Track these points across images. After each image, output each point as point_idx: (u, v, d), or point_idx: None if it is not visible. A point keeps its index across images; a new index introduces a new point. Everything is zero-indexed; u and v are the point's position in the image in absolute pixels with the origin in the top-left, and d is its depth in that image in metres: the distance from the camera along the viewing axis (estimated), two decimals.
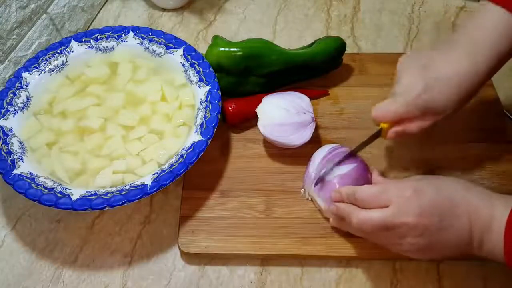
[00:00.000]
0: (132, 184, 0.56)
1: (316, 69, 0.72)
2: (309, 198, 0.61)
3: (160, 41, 0.70)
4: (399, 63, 0.56)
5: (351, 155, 0.59)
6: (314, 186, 0.58)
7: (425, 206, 0.47)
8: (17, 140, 0.61)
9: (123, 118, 0.64)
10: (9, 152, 0.59)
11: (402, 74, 0.55)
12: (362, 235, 0.53)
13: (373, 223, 0.49)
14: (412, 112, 0.53)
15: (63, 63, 0.69)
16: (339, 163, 0.57)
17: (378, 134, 0.58)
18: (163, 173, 0.56)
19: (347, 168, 0.57)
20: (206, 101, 0.63)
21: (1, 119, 0.62)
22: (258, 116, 0.64)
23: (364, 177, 0.57)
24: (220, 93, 0.64)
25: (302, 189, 0.61)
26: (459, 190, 0.49)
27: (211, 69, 0.66)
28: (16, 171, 0.57)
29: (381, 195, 0.50)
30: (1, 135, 0.60)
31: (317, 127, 0.68)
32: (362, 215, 0.50)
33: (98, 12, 0.88)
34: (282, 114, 0.62)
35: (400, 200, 0.48)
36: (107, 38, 0.70)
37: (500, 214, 0.46)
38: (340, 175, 0.57)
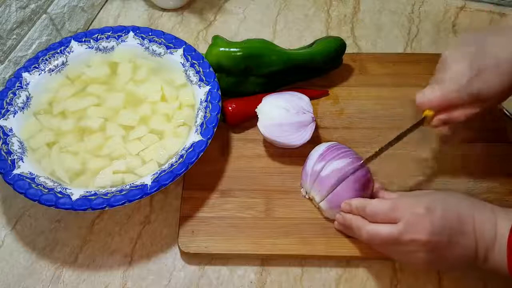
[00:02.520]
0: (132, 184, 0.56)
1: (316, 69, 0.72)
2: (307, 197, 0.61)
3: (160, 41, 0.70)
4: (445, 52, 0.54)
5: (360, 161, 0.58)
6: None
7: (436, 224, 0.47)
8: (17, 140, 0.61)
9: (123, 118, 0.64)
10: (9, 152, 0.59)
11: (451, 61, 0.52)
12: (370, 245, 0.54)
13: (382, 237, 0.50)
14: (462, 98, 0.51)
15: (63, 63, 0.69)
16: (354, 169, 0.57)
17: (421, 123, 0.56)
18: (163, 173, 0.56)
19: (344, 163, 0.57)
20: (206, 101, 0.63)
21: (1, 119, 0.62)
22: (258, 116, 0.64)
23: (364, 178, 0.57)
24: (220, 93, 0.64)
25: (302, 189, 0.61)
26: (465, 207, 0.49)
27: (211, 69, 0.66)
28: (16, 171, 0.57)
29: (392, 211, 0.50)
30: (1, 135, 0.60)
31: (317, 127, 0.68)
32: (372, 229, 0.51)
33: (98, 12, 0.88)
34: (282, 114, 0.62)
35: (411, 217, 0.48)
36: (107, 38, 0.70)
37: (503, 231, 0.46)
38: (337, 170, 0.57)
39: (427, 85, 0.55)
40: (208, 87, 0.64)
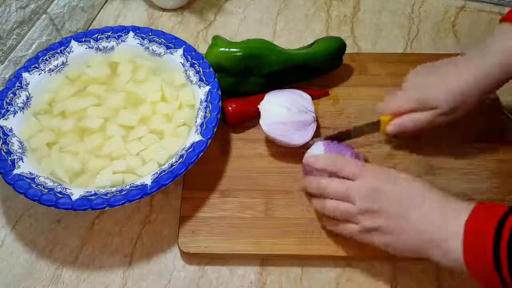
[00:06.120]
0: (132, 184, 0.56)
1: (316, 69, 0.72)
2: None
3: (160, 41, 0.70)
4: (412, 71, 0.61)
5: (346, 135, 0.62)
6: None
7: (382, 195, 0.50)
8: (17, 140, 0.61)
9: (123, 118, 0.64)
10: (9, 152, 0.59)
11: (411, 76, 0.60)
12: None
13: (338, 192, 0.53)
14: (408, 104, 0.58)
15: (63, 63, 0.69)
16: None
17: (375, 126, 0.62)
18: (163, 173, 0.56)
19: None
20: (206, 101, 0.63)
21: (1, 119, 0.62)
22: (260, 113, 0.64)
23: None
24: (220, 93, 0.64)
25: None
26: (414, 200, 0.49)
27: (211, 69, 0.66)
28: (16, 171, 0.57)
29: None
30: (1, 135, 0.60)
31: (317, 127, 0.68)
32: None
33: (98, 12, 0.88)
34: (284, 113, 0.62)
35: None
36: (107, 38, 0.70)
37: (454, 234, 0.45)
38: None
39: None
40: (208, 87, 0.64)
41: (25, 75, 0.66)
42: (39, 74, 0.67)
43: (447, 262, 0.46)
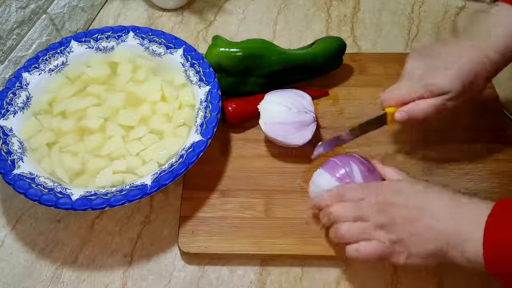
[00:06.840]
0: (132, 184, 0.56)
1: (316, 69, 0.72)
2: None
3: (160, 41, 0.70)
4: (408, 56, 0.59)
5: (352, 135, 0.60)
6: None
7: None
8: (17, 140, 0.61)
9: (123, 118, 0.64)
10: (9, 152, 0.59)
11: (409, 61, 0.58)
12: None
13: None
14: (415, 92, 0.55)
15: (63, 63, 0.69)
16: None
17: (382, 119, 0.58)
18: (163, 173, 0.56)
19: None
20: (206, 101, 0.63)
21: (1, 119, 0.62)
22: (260, 112, 0.64)
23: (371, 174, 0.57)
24: (220, 93, 0.64)
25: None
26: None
27: (211, 69, 0.66)
28: (16, 171, 0.57)
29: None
30: (1, 135, 0.60)
31: (317, 127, 0.68)
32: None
33: (98, 12, 0.88)
34: (284, 113, 0.62)
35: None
36: (107, 38, 0.70)
37: (473, 234, 0.44)
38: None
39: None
40: (208, 87, 0.64)
41: (25, 75, 0.66)
42: (39, 74, 0.67)
43: (468, 263, 0.44)
